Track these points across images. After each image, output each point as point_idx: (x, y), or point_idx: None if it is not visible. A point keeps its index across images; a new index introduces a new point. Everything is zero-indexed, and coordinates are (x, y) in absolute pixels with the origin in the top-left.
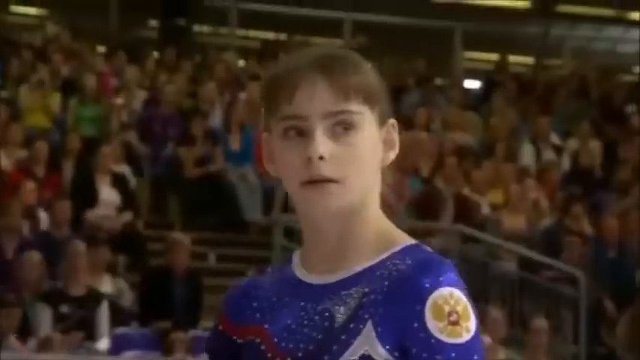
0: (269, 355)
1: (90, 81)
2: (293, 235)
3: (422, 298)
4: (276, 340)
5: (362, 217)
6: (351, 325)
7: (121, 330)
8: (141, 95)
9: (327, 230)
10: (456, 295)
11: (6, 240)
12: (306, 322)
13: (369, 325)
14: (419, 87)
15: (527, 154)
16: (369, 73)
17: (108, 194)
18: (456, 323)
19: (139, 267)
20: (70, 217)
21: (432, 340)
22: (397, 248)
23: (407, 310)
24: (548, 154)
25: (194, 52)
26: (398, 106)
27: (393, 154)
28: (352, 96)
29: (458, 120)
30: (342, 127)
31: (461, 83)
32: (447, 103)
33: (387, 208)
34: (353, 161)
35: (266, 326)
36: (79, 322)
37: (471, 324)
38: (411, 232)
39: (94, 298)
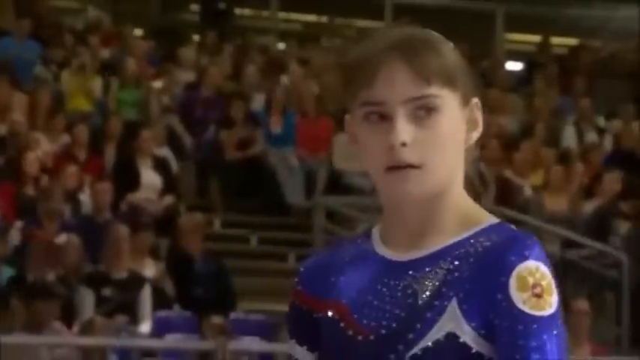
0: (350, 332)
1: (130, 65)
2: (334, 217)
3: (507, 270)
4: (356, 316)
5: (446, 198)
6: (436, 303)
7: (162, 313)
8: (182, 79)
9: (410, 213)
10: (542, 270)
11: (48, 224)
12: (388, 298)
13: (454, 302)
14: None
15: (569, 136)
16: (449, 54)
17: (150, 178)
18: (539, 296)
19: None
20: (111, 200)
21: (515, 311)
22: (482, 226)
23: (492, 283)
24: (591, 136)
25: (235, 36)
26: None
27: (476, 134)
28: (433, 79)
29: (500, 102)
30: (424, 110)
31: (503, 65)
32: (489, 85)
33: (471, 188)
34: (435, 145)
35: (344, 301)
36: (121, 305)
37: (554, 299)
38: None
39: (136, 281)
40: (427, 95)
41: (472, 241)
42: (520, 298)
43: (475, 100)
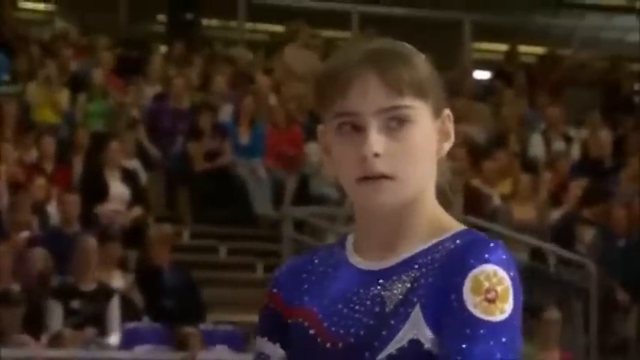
0: (319, 339)
1: (98, 76)
2: (303, 227)
3: (464, 272)
4: (326, 324)
5: (417, 208)
6: (401, 310)
7: (131, 325)
8: (150, 90)
9: (382, 223)
10: (500, 275)
11: (16, 236)
12: (357, 307)
13: (417, 308)
14: None
15: (536, 145)
16: (421, 66)
17: (118, 189)
18: (492, 301)
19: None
20: (79, 212)
21: (465, 313)
22: (449, 234)
23: (448, 284)
24: (559, 145)
25: (203, 47)
26: None
27: (448, 145)
28: (405, 90)
29: (468, 111)
30: (397, 121)
31: (470, 74)
32: (456, 94)
33: (443, 198)
34: (408, 156)
35: (315, 309)
36: (89, 317)
37: (507, 306)
38: None
39: (104, 293)
40: (400, 106)
41: (439, 247)
42: (472, 301)
43: (447, 112)
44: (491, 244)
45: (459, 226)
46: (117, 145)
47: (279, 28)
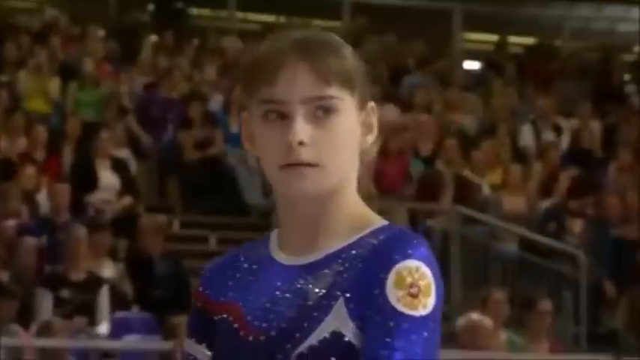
0: (242, 333)
1: (88, 65)
2: None
3: (388, 267)
4: (249, 318)
5: (339, 200)
6: (324, 303)
7: (121, 314)
8: (140, 80)
9: (304, 213)
10: (422, 270)
11: (5, 225)
12: (281, 301)
13: (341, 301)
14: (419, 68)
15: (526, 135)
16: (349, 57)
17: (108, 178)
18: (414, 296)
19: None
20: (69, 201)
21: (388, 307)
22: (372, 229)
23: (372, 280)
24: (548, 135)
25: (192, 36)
26: (398, 88)
27: (371, 138)
28: (332, 80)
29: (458, 101)
30: (322, 111)
31: (460, 64)
32: (446, 84)
33: (364, 190)
34: (332, 146)
35: (240, 304)
36: (79, 306)
37: (430, 302)
38: (412, 213)
39: (94, 282)
40: (326, 96)
41: (362, 242)
42: (395, 295)
43: (371, 104)
44: (415, 241)
45: (381, 221)
46: (107, 134)
47: (270, 18)
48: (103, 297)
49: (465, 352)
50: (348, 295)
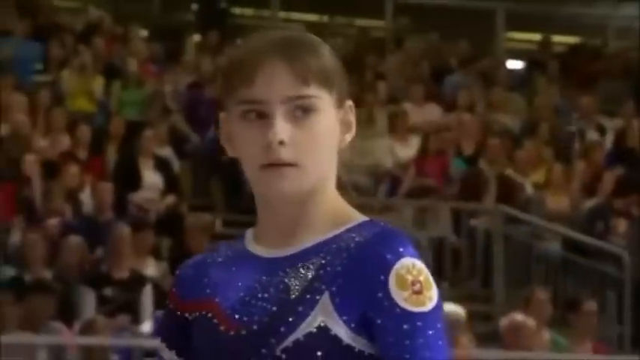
0: (222, 327)
1: (132, 65)
2: None
3: (385, 269)
4: (229, 312)
5: (318, 197)
6: (308, 296)
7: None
8: (184, 79)
9: (284, 212)
10: (418, 266)
11: (49, 224)
12: (260, 294)
13: (326, 296)
14: (461, 68)
15: (570, 135)
16: (327, 56)
17: (151, 177)
18: (419, 292)
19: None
20: (113, 200)
21: (397, 310)
22: (353, 224)
23: (370, 281)
24: (592, 134)
25: (236, 36)
26: (440, 88)
27: (349, 136)
28: (311, 80)
29: (501, 101)
30: (302, 110)
31: (504, 64)
32: (490, 84)
33: (343, 188)
34: (312, 145)
35: (217, 299)
36: (122, 305)
37: (434, 293)
38: (455, 213)
39: (137, 281)
40: (305, 95)
41: (344, 237)
42: (401, 297)
43: (349, 103)
44: (401, 237)
45: (361, 217)
46: (150, 133)
47: (313, 17)
48: (146, 295)
49: (508, 352)
50: (333, 288)
